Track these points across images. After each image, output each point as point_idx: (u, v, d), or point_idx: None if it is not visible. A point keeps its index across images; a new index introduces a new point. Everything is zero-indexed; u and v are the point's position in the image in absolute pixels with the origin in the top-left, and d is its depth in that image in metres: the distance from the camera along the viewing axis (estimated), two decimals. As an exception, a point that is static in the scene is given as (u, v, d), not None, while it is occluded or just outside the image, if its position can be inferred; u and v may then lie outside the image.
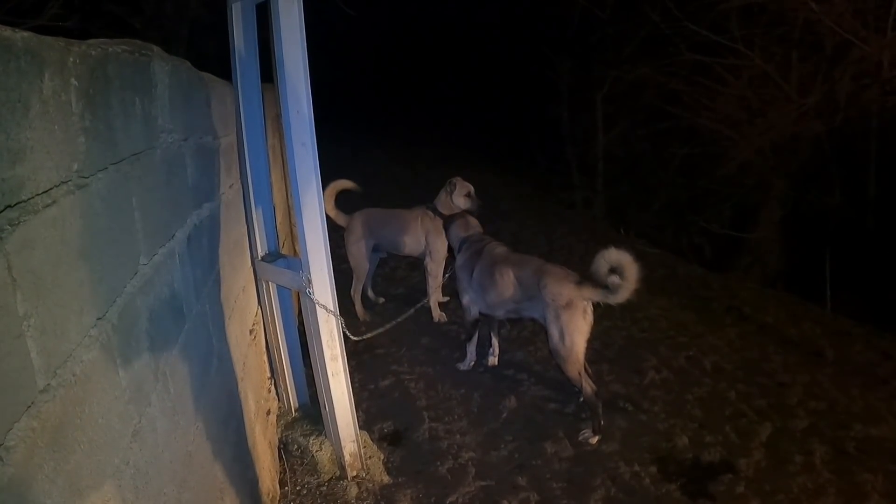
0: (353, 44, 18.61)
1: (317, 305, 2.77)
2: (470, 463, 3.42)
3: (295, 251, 4.89)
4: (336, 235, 7.73)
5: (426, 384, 4.29)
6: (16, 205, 0.80)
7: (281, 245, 4.11)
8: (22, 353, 0.80)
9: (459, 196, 4.99)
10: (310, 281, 2.74)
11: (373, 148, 14.87)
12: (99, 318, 1.04)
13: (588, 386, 3.64)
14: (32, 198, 0.85)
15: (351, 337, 3.02)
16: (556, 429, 3.74)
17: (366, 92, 20.30)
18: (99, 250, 1.08)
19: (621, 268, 3.35)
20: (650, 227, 9.62)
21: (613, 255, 3.37)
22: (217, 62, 3.30)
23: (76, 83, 0.99)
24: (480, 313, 4.21)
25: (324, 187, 2.74)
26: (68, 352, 0.92)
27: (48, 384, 0.85)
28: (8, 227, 0.78)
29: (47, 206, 0.89)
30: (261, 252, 3.21)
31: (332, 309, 2.80)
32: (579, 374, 3.62)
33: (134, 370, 1.19)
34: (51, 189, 0.90)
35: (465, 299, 4.22)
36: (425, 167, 12.31)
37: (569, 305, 3.56)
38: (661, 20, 8.27)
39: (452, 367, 4.49)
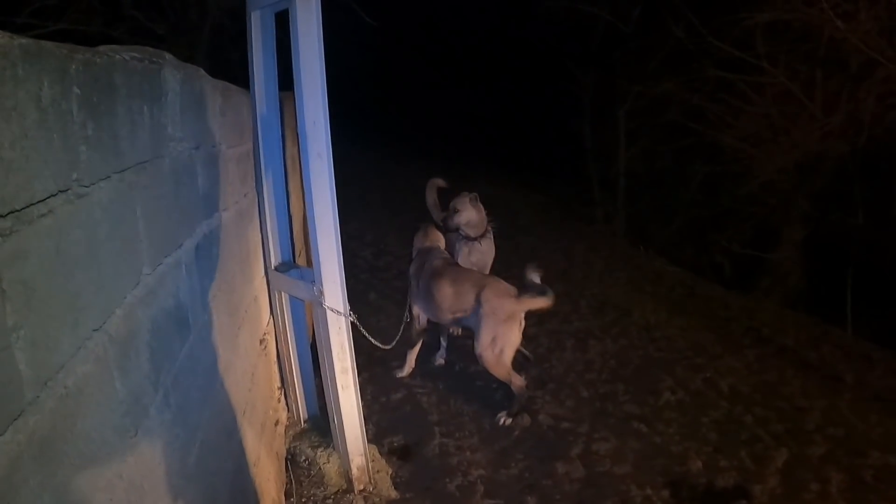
0: (376, 56, 18.77)
1: (328, 317, 2.75)
2: (479, 481, 3.37)
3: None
4: (354, 244, 7.81)
5: (438, 399, 4.25)
6: (8, 214, 0.79)
7: (298, 254, 4.11)
8: (9, 366, 0.78)
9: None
10: (322, 292, 2.73)
11: (394, 159, 14.92)
12: (95, 330, 1.03)
13: (517, 381, 3.90)
14: (26, 207, 0.83)
15: (376, 343, 3.18)
16: (568, 449, 3.68)
17: (388, 104, 20.42)
18: (98, 260, 1.07)
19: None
20: (671, 244, 9.52)
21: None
22: (241, 69, 3.33)
23: (78, 91, 0.98)
24: (429, 321, 4.42)
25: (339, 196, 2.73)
26: (60, 364, 0.91)
27: (37, 397, 0.83)
28: (-1, 237, 0.77)
29: (42, 215, 0.88)
30: (274, 262, 3.21)
31: (343, 312, 2.78)
32: (508, 372, 3.87)
33: (132, 382, 1.17)
34: (47, 198, 0.89)
35: (416, 308, 4.39)
36: (447, 180, 12.32)
37: (509, 318, 3.79)
38: (685, 36, 8.23)
39: (466, 382, 4.45)
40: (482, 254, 4.93)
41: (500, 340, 3.78)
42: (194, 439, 1.55)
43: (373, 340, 3.16)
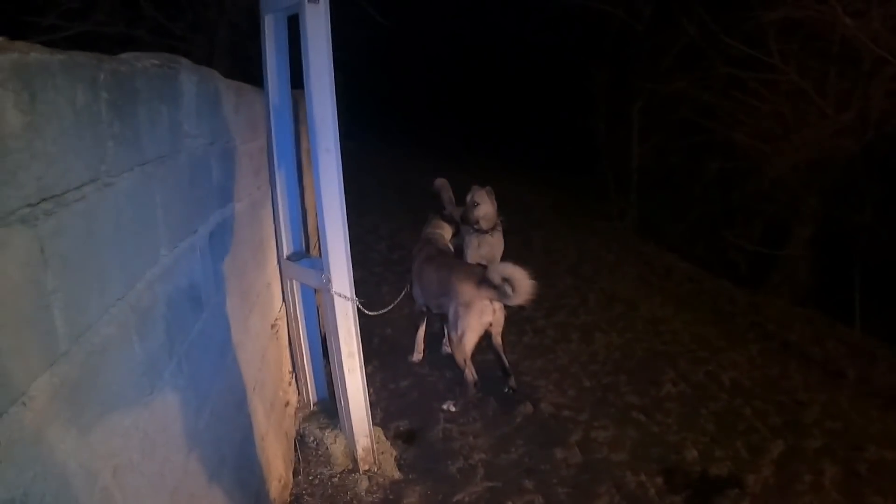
0: (393, 55, 18.95)
1: (335, 303, 2.90)
2: (480, 464, 3.50)
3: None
4: (370, 238, 7.97)
5: (445, 386, 4.38)
6: (50, 198, 0.96)
7: (313, 246, 4.28)
8: (48, 320, 0.95)
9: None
10: (329, 280, 2.88)
11: (410, 155, 15.09)
12: (118, 299, 1.20)
13: (469, 374, 4.00)
14: (64, 193, 1.01)
15: (367, 312, 3.23)
16: (567, 436, 3.80)
17: (403, 101, 20.59)
18: (122, 240, 1.24)
19: (512, 280, 3.68)
20: (683, 240, 9.57)
21: (507, 270, 3.71)
22: (261, 66, 3.46)
23: (106, 95, 1.15)
24: (426, 306, 4.57)
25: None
26: (89, 324, 1.08)
27: (69, 349, 1.00)
28: (42, 216, 0.94)
29: (77, 200, 1.05)
30: (286, 251, 3.37)
31: (350, 297, 2.93)
32: (464, 361, 3.98)
33: (149, 347, 1.34)
34: (81, 186, 1.07)
35: (413, 291, 4.60)
36: (463, 175, 12.46)
37: (468, 304, 3.91)
38: (697, 33, 8.26)
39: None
40: (491, 246, 5.03)
41: (461, 324, 3.92)
42: (205, 406, 1.73)
43: (365, 311, 3.18)
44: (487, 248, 5.00)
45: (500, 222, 5.06)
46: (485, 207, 4.87)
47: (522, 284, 3.68)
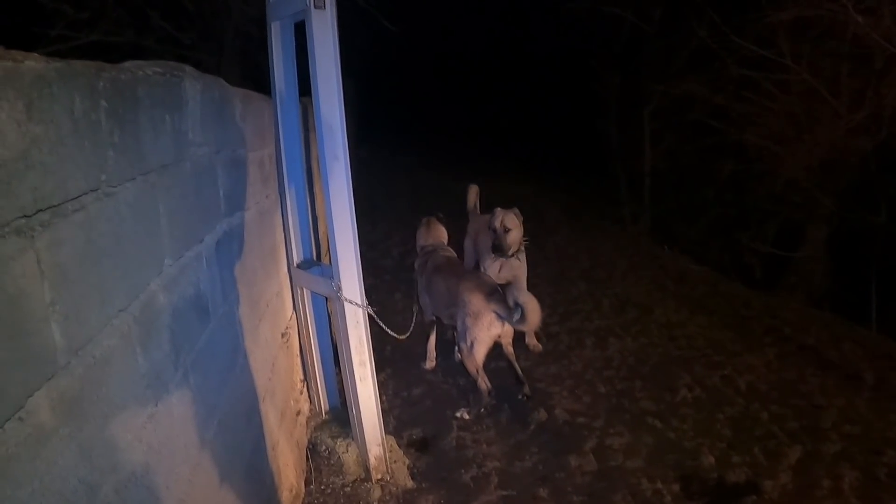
0: (404, 61, 19.04)
1: (346, 311, 2.88)
2: (493, 472, 3.46)
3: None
4: (382, 245, 7.96)
5: (458, 394, 4.36)
6: (47, 209, 0.95)
7: (324, 254, 4.27)
8: (45, 334, 0.94)
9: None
10: (339, 287, 2.87)
11: (422, 162, 15.08)
12: (121, 310, 1.18)
13: (482, 382, 3.98)
14: (62, 203, 0.99)
15: (392, 334, 3.29)
16: (582, 443, 3.75)
17: (415, 105, 20.66)
18: (124, 251, 1.22)
19: (525, 309, 3.67)
20: (696, 243, 9.49)
21: (523, 297, 3.70)
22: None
23: (105, 104, 1.13)
24: (435, 316, 4.54)
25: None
26: (89, 336, 1.06)
27: (69, 362, 0.99)
28: (39, 227, 0.93)
29: (76, 210, 1.03)
30: (296, 259, 3.36)
31: (360, 304, 2.91)
32: (476, 370, 3.96)
33: (153, 359, 1.33)
34: (80, 196, 1.05)
35: (422, 301, 4.59)
36: (477, 181, 12.45)
37: (476, 314, 3.89)
38: (708, 35, 8.21)
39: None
40: (513, 269, 4.76)
41: (469, 335, 3.91)
42: (213, 416, 1.71)
43: (388, 331, 3.26)
44: (509, 270, 4.74)
45: (524, 244, 4.79)
46: (515, 233, 4.63)
47: (533, 317, 3.67)
